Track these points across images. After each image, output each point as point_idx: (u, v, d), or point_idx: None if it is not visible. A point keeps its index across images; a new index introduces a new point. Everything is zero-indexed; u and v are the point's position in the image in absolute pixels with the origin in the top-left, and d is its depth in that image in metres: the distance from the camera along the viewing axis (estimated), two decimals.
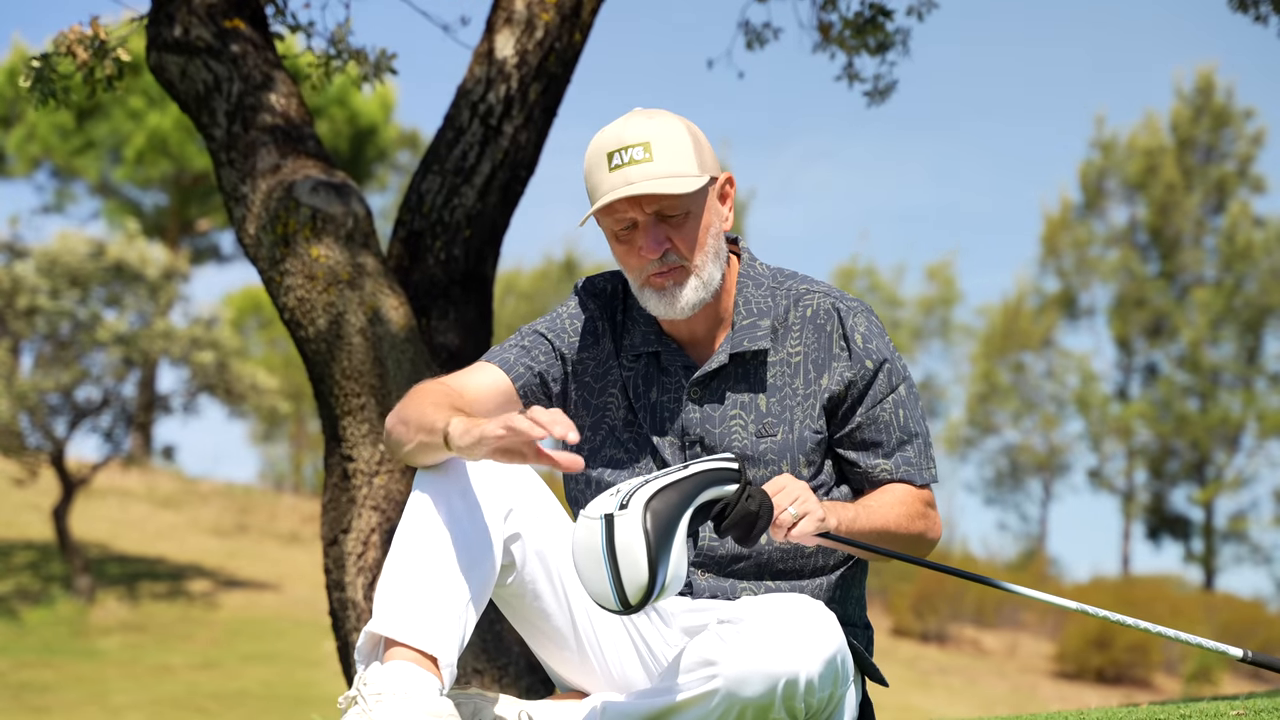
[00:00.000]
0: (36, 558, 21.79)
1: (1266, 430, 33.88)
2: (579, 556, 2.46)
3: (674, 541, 2.45)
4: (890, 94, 5.81)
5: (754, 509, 2.54)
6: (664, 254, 2.75)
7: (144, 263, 20.11)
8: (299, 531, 25.37)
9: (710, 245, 2.78)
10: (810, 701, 2.51)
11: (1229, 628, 25.42)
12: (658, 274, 2.77)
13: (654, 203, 2.73)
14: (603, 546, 2.43)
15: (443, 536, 2.63)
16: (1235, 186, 34.51)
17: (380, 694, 2.53)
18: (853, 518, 2.68)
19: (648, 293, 2.79)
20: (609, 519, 2.44)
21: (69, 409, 20.15)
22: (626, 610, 2.44)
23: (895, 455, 2.83)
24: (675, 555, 2.45)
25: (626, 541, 2.42)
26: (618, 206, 2.74)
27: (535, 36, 4.91)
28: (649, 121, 2.76)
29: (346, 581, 4.56)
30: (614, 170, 2.72)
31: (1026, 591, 2.76)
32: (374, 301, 4.58)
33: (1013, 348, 35.60)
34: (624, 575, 2.42)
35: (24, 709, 15.58)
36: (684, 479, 2.50)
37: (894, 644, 24.51)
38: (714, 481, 2.53)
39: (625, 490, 2.47)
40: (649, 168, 2.71)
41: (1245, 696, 3.82)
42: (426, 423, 2.63)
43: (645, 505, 2.44)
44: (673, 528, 2.45)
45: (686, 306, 2.77)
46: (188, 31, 4.76)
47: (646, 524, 2.42)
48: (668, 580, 2.43)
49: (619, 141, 2.74)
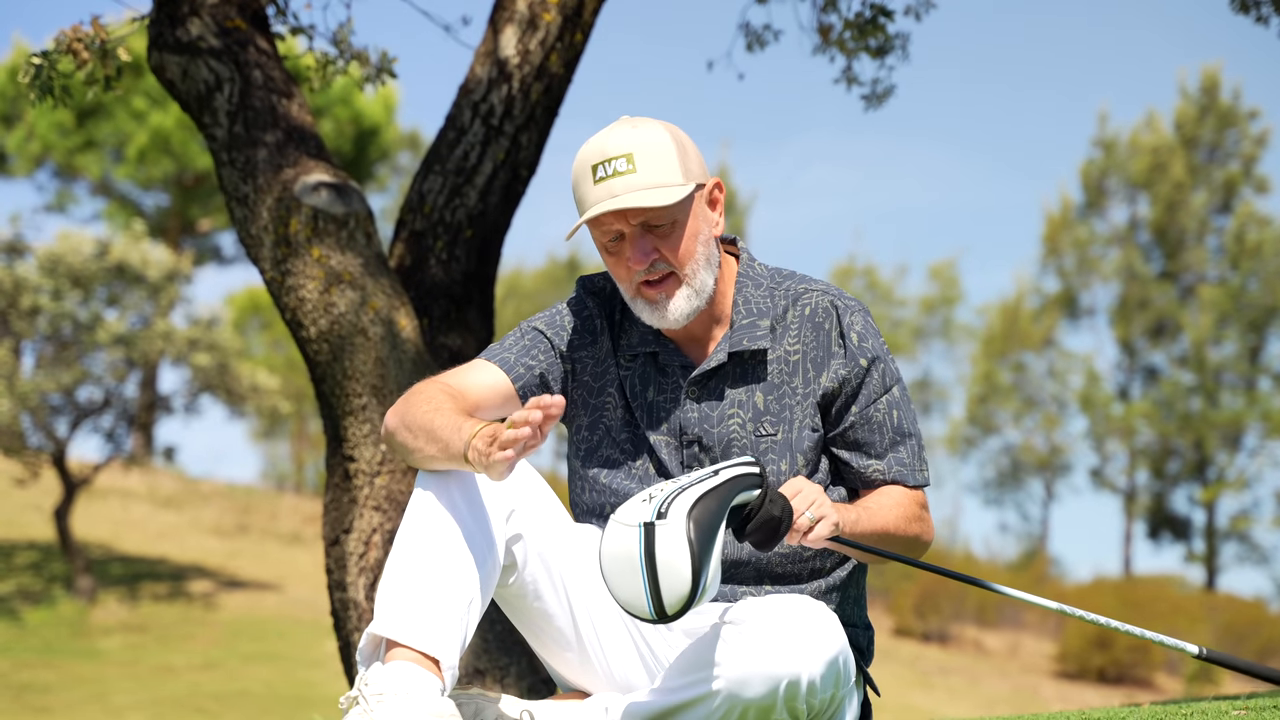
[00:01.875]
0: (38, 558, 21.80)
1: (1269, 430, 33.87)
2: (610, 564, 2.43)
3: (714, 550, 2.42)
4: (888, 98, 5.82)
5: (777, 514, 2.53)
6: (652, 263, 2.74)
7: (146, 263, 20.11)
8: (300, 532, 25.37)
9: (700, 252, 2.78)
10: (812, 702, 2.52)
11: (1230, 628, 25.42)
12: (647, 284, 2.76)
13: (639, 215, 2.73)
14: (640, 555, 2.39)
15: (445, 537, 2.63)
16: (1240, 186, 34.51)
17: (382, 694, 2.54)
18: (855, 520, 2.68)
19: (640, 303, 2.79)
20: (649, 528, 2.40)
21: (70, 409, 20.16)
22: (661, 620, 2.41)
23: (888, 456, 2.83)
24: (714, 564, 2.42)
25: (669, 551, 2.38)
26: (604, 219, 2.74)
27: (537, 36, 4.91)
28: (633, 131, 2.75)
29: (348, 581, 4.56)
30: (598, 183, 2.72)
31: (1011, 592, 2.75)
32: (375, 302, 4.58)
33: (1014, 347, 35.59)
34: (664, 585, 2.38)
35: (25, 709, 15.58)
36: (720, 485, 2.47)
37: (895, 644, 24.50)
38: (742, 487, 2.51)
39: (660, 498, 2.43)
40: (632, 179, 2.71)
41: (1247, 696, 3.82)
42: (440, 437, 2.61)
43: (689, 514, 2.40)
44: (713, 536, 2.42)
45: (680, 317, 2.77)
46: (189, 31, 4.76)
47: (690, 534, 2.39)
48: (705, 589, 2.40)
49: (602, 154, 2.73)
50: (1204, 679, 21.83)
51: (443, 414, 2.64)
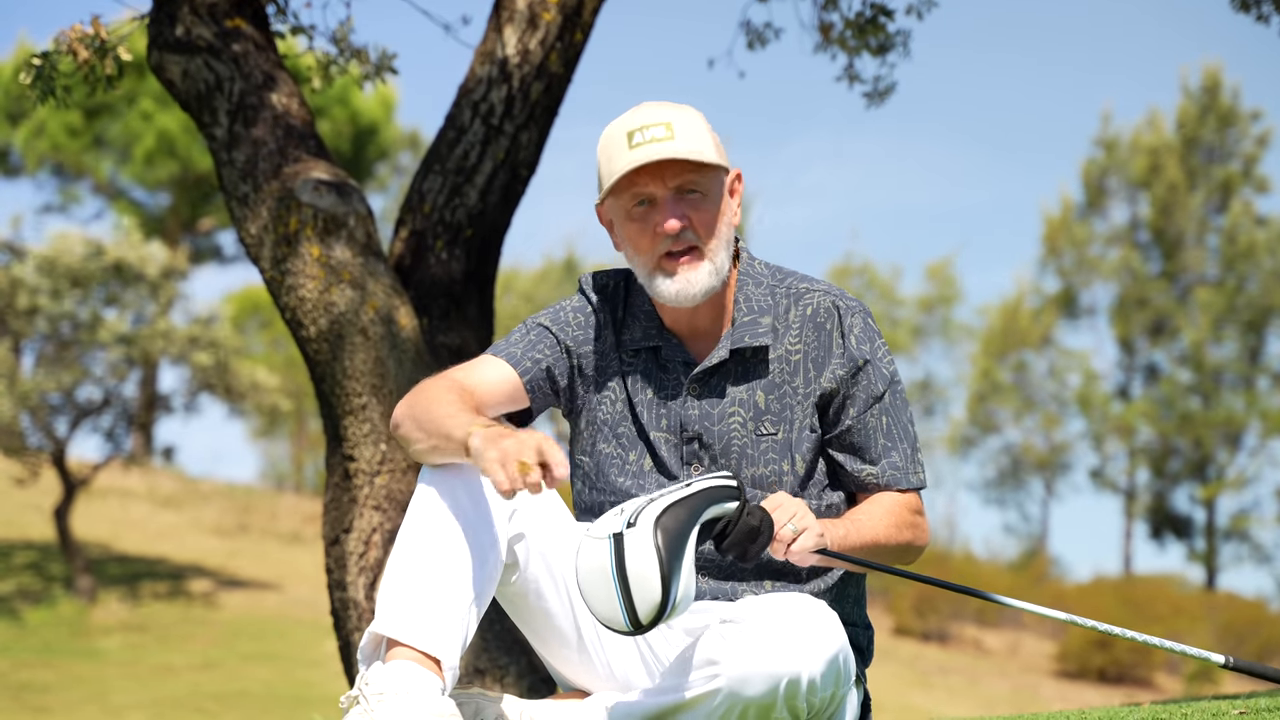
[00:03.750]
0: (37, 558, 21.79)
1: (1269, 429, 33.88)
2: (585, 579, 2.44)
3: (684, 558, 2.41)
4: (889, 96, 5.83)
5: (755, 524, 2.53)
6: (681, 231, 2.73)
7: (143, 262, 20.10)
8: (300, 531, 25.37)
9: (723, 233, 2.78)
10: (812, 701, 2.51)
11: (1230, 627, 25.42)
12: (670, 256, 2.75)
13: (677, 175, 2.72)
14: (612, 566, 2.40)
15: (446, 536, 2.63)
16: (1240, 186, 34.50)
17: (382, 694, 2.53)
18: (844, 535, 2.68)
19: (659, 278, 2.76)
20: (618, 538, 2.40)
21: (70, 409, 20.15)
22: (637, 630, 2.41)
23: (882, 461, 2.82)
24: (686, 573, 2.42)
25: (637, 559, 2.38)
26: (638, 179, 2.73)
27: (537, 35, 4.91)
28: (669, 107, 2.77)
29: (348, 581, 4.56)
30: (635, 148, 2.72)
31: (1011, 602, 2.75)
32: (375, 301, 4.58)
33: (1013, 347, 35.59)
34: (635, 594, 2.39)
35: (24, 709, 15.58)
36: (690, 496, 2.47)
37: (895, 643, 24.50)
38: (716, 499, 2.51)
39: (630, 509, 2.44)
40: (671, 145, 2.71)
41: (1247, 696, 3.82)
42: (443, 430, 2.62)
43: (655, 522, 2.40)
44: (683, 544, 2.42)
45: (698, 292, 2.75)
46: (189, 31, 4.76)
47: (658, 540, 2.39)
48: (679, 598, 2.40)
49: (639, 123, 2.74)
50: (1204, 679, 21.82)
51: (448, 406, 2.65)
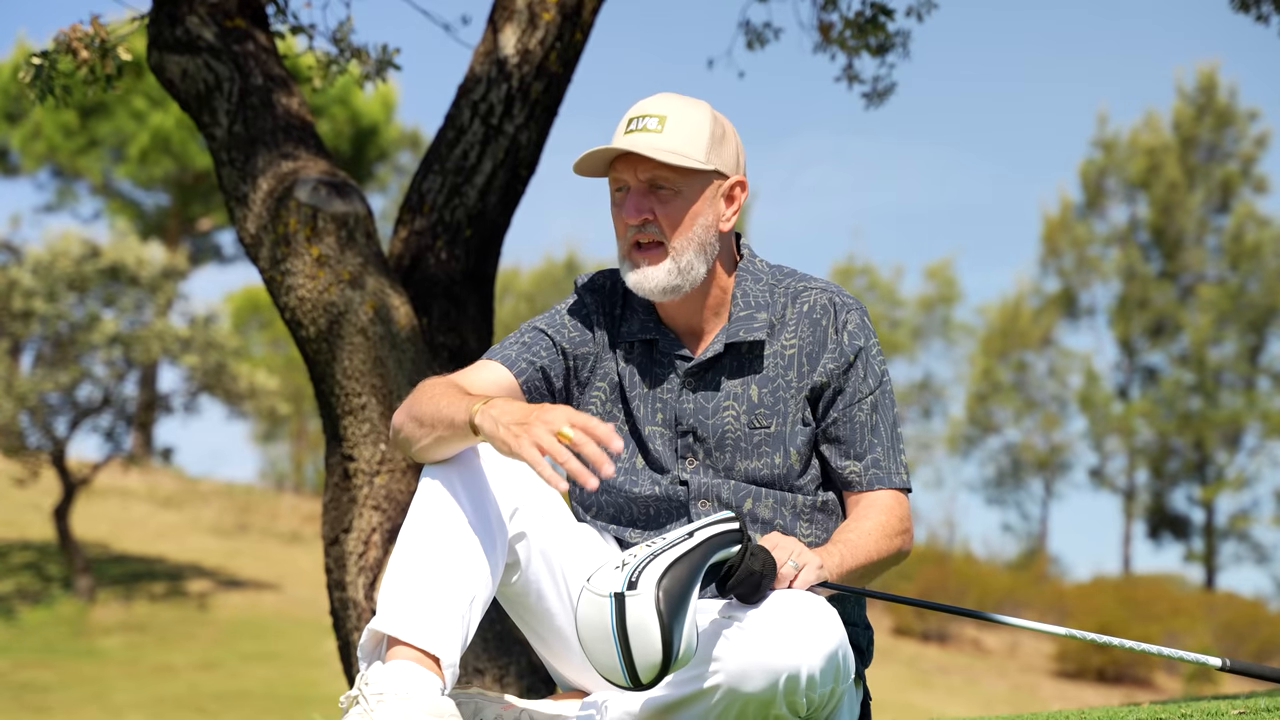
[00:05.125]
0: (37, 558, 21.80)
1: (1269, 430, 33.89)
2: (585, 633, 2.44)
3: (685, 615, 2.42)
4: (889, 96, 5.83)
5: (758, 569, 2.54)
6: (644, 223, 2.77)
7: (140, 263, 20.09)
8: (300, 531, 25.37)
9: (695, 235, 2.78)
10: (811, 697, 2.51)
11: (1230, 627, 25.43)
12: (635, 246, 2.79)
13: (647, 170, 2.76)
14: (612, 626, 2.40)
15: (447, 535, 2.63)
16: (1238, 186, 34.51)
17: (382, 694, 2.53)
18: (839, 561, 2.69)
19: (626, 265, 2.81)
20: (619, 599, 2.40)
21: (70, 409, 20.16)
22: (637, 688, 2.42)
23: (866, 457, 2.83)
24: (687, 630, 2.42)
25: (639, 623, 2.38)
26: (616, 164, 2.79)
27: (537, 35, 4.91)
28: (676, 101, 2.80)
29: (347, 581, 4.56)
30: (628, 134, 2.77)
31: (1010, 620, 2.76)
32: (375, 301, 4.58)
33: (1013, 347, 35.61)
34: (636, 656, 2.39)
35: (24, 709, 15.59)
36: (692, 550, 2.46)
37: (895, 643, 24.50)
38: (718, 547, 2.51)
39: (632, 565, 2.43)
40: (655, 139, 2.75)
41: (1246, 696, 3.82)
42: (444, 416, 2.64)
43: (657, 585, 2.40)
44: (685, 603, 2.42)
45: (654, 288, 2.78)
46: (189, 31, 4.76)
47: (660, 605, 2.39)
48: (680, 656, 2.41)
49: (641, 110, 2.79)
50: (1203, 679, 21.81)
51: (445, 397, 2.67)
